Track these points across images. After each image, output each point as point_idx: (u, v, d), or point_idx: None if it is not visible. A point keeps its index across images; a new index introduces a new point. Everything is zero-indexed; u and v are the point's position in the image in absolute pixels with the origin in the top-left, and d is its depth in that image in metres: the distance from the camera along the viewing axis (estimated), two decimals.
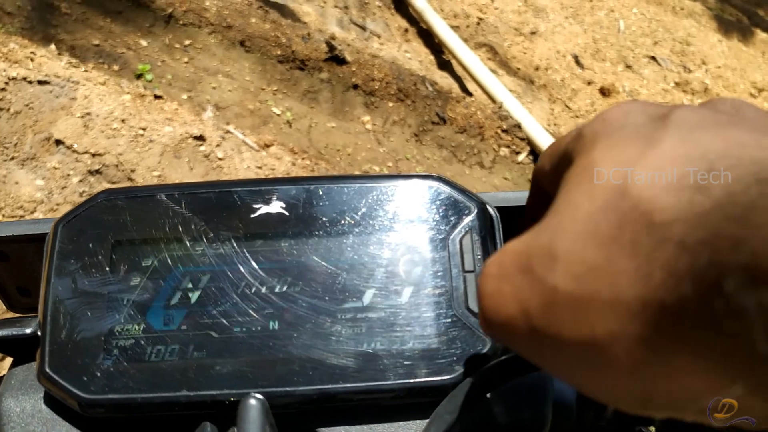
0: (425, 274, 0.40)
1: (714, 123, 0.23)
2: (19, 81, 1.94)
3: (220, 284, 0.39)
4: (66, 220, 0.40)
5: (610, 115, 0.26)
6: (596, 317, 0.21)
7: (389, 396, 0.37)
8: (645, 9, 3.98)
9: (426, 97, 2.80)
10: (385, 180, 0.42)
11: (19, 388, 0.40)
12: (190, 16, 2.62)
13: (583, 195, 0.23)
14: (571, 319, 0.22)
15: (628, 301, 0.20)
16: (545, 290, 0.23)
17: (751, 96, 3.69)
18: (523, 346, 0.25)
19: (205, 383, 0.37)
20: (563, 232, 0.23)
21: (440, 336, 0.38)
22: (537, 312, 0.23)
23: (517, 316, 0.24)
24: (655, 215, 0.20)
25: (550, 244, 0.23)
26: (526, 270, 0.24)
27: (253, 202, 0.41)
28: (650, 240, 0.20)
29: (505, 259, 0.26)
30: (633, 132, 0.24)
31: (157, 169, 1.94)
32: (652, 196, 0.21)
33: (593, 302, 0.21)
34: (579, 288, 0.22)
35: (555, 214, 0.24)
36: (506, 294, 0.25)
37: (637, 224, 0.21)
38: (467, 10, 3.41)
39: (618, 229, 0.21)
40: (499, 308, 0.25)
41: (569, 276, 0.22)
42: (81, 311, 0.38)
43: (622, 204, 0.21)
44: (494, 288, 0.26)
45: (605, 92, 3.33)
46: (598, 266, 0.21)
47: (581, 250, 0.22)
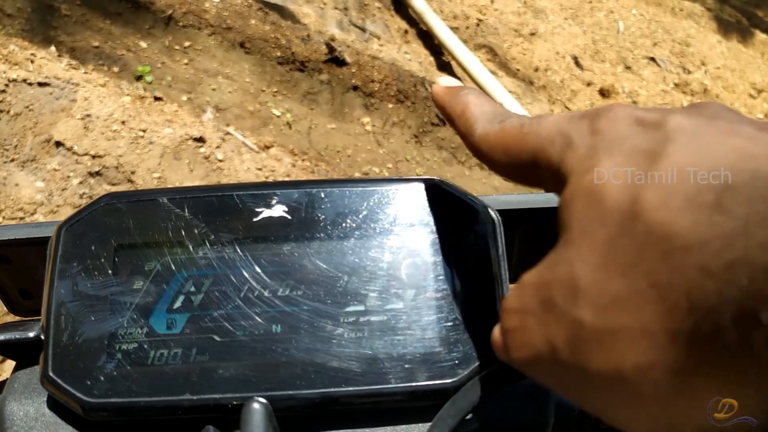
0: (427, 277, 0.40)
1: (714, 131, 0.22)
2: (19, 83, 1.94)
3: (222, 288, 0.39)
4: (69, 223, 0.40)
5: (602, 126, 0.25)
6: (624, 349, 0.21)
7: (392, 399, 0.38)
8: (644, 10, 3.99)
9: (426, 98, 2.80)
10: (387, 184, 0.42)
11: (22, 391, 0.40)
12: (189, 18, 2.62)
13: (595, 222, 0.22)
14: (598, 351, 0.21)
15: (655, 333, 0.20)
16: (570, 324, 0.22)
17: (750, 97, 3.70)
18: (548, 378, 0.25)
19: (208, 387, 0.37)
20: (582, 262, 0.22)
21: (442, 340, 0.38)
22: (563, 346, 0.23)
23: (543, 350, 0.24)
24: (673, 240, 0.19)
25: (570, 276, 0.23)
26: (548, 304, 0.23)
27: (256, 205, 0.41)
28: (669, 267, 0.19)
29: (525, 293, 0.25)
30: (633, 146, 0.23)
31: (157, 170, 1.94)
32: (667, 219, 0.20)
33: (620, 334, 0.21)
34: (604, 320, 0.21)
35: (570, 244, 0.23)
36: (530, 329, 0.24)
37: (654, 250, 0.20)
38: (467, 11, 3.41)
39: (637, 256, 0.20)
40: (524, 344, 0.25)
41: (593, 308, 0.21)
42: (84, 315, 0.38)
43: (636, 228, 0.21)
44: (517, 323, 0.25)
45: (605, 93, 3.33)
46: (621, 297, 0.21)
47: (603, 281, 0.21)
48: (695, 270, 0.19)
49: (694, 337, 0.19)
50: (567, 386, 0.24)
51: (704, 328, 0.18)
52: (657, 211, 0.20)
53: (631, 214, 0.21)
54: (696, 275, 0.19)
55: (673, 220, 0.20)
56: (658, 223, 0.20)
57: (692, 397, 0.20)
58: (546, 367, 0.24)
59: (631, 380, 0.21)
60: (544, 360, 0.24)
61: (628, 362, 0.21)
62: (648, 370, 0.20)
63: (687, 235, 0.19)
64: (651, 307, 0.20)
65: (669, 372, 0.20)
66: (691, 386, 0.19)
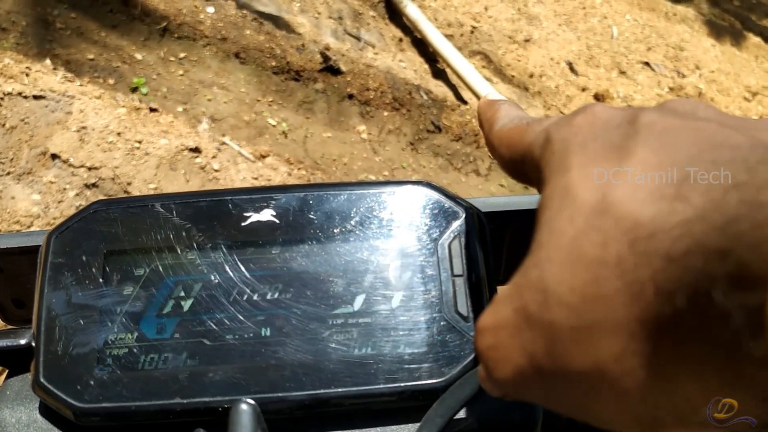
0: (415, 279, 0.40)
1: (681, 126, 0.22)
2: (14, 96, 1.95)
3: (212, 292, 0.40)
4: (59, 231, 0.41)
5: (578, 121, 0.25)
6: (599, 344, 0.21)
7: (381, 400, 0.38)
8: (638, 15, 4.01)
9: (421, 105, 2.81)
10: (374, 187, 0.43)
11: (14, 398, 0.41)
12: (185, 29, 2.63)
13: (564, 221, 0.23)
14: (576, 351, 0.21)
15: (625, 323, 0.20)
16: (546, 328, 0.22)
17: (745, 99, 3.71)
18: (534, 393, 0.24)
19: (198, 390, 0.37)
20: (550, 262, 0.22)
21: (430, 340, 0.38)
22: (541, 352, 0.23)
23: (522, 364, 0.23)
24: (637, 230, 0.20)
25: (540, 279, 0.23)
26: (522, 312, 0.23)
27: (244, 210, 0.42)
28: (635, 255, 0.20)
29: (498, 309, 0.25)
30: (604, 143, 0.24)
31: (153, 181, 1.95)
32: (631, 210, 0.20)
33: (594, 329, 0.21)
34: (576, 318, 0.21)
35: (539, 247, 0.23)
36: (506, 344, 0.24)
37: (621, 241, 0.20)
38: (461, 18, 3.43)
39: (602, 249, 0.21)
40: (503, 361, 0.24)
41: (564, 308, 0.21)
42: (74, 321, 0.39)
43: (603, 223, 0.21)
44: (492, 341, 0.25)
45: (600, 98, 3.34)
46: (590, 292, 0.21)
47: (570, 279, 0.21)
48: (658, 256, 0.19)
49: (661, 323, 0.19)
50: (552, 396, 0.24)
51: (667, 313, 0.19)
52: (624, 204, 0.21)
53: (600, 208, 0.21)
54: (659, 261, 0.19)
55: (638, 210, 0.20)
56: (624, 215, 0.21)
57: (668, 385, 0.20)
58: (529, 382, 0.24)
59: (611, 373, 0.21)
60: (526, 374, 0.24)
61: (605, 355, 0.21)
62: (624, 361, 0.20)
63: (650, 223, 0.20)
64: (619, 297, 0.20)
65: (643, 361, 0.20)
66: (665, 374, 0.20)
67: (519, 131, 0.30)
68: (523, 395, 0.25)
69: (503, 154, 0.31)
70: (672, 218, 0.19)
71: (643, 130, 0.23)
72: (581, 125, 0.25)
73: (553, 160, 0.25)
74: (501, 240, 0.49)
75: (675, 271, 0.19)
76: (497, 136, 0.32)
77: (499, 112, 0.33)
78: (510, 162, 0.31)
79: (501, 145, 0.31)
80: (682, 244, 0.19)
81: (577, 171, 0.23)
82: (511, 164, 0.31)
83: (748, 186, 0.18)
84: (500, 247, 0.50)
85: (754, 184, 0.18)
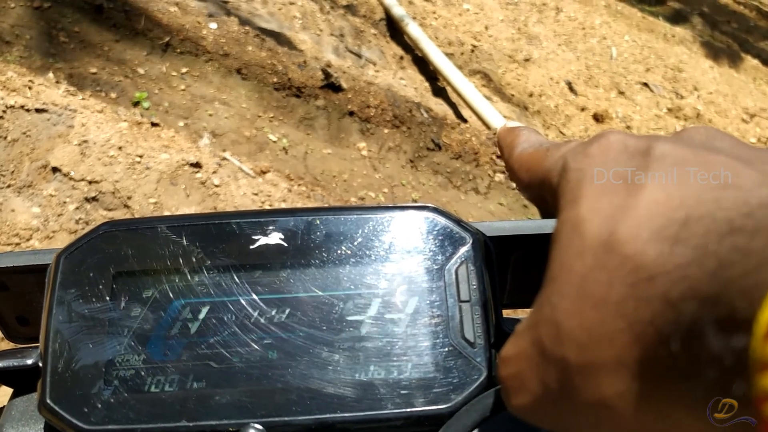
0: (421, 304, 0.40)
1: (693, 159, 0.23)
2: (16, 109, 1.95)
3: (219, 315, 0.40)
4: (68, 251, 0.41)
5: (593, 150, 0.26)
6: (604, 381, 0.22)
7: (386, 425, 0.38)
8: (637, 36, 4.04)
9: (421, 123, 2.82)
10: (382, 211, 0.43)
11: (19, 419, 0.40)
12: (187, 45, 2.65)
13: (574, 256, 0.23)
14: (583, 385, 0.22)
15: (628, 363, 0.21)
16: (558, 363, 0.23)
17: (743, 121, 3.73)
18: (547, 419, 0.25)
19: (204, 413, 0.37)
20: (561, 297, 0.23)
21: (436, 365, 0.39)
22: (555, 384, 0.24)
23: (539, 393, 0.25)
24: (639, 272, 0.20)
25: (552, 314, 0.23)
26: (538, 345, 0.24)
27: (252, 233, 0.42)
28: (636, 298, 0.20)
29: (519, 340, 0.26)
30: (617, 175, 0.24)
31: (153, 196, 1.95)
32: (635, 251, 0.21)
33: (599, 367, 0.22)
34: (585, 356, 0.22)
35: (552, 281, 0.24)
36: (525, 374, 0.25)
37: (624, 283, 0.21)
38: (462, 37, 3.45)
39: (608, 289, 0.21)
40: (521, 389, 0.25)
41: (574, 345, 0.22)
42: (82, 342, 0.39)
43: (609, 261, 0.22)
44: (513, 370, 0.26)
45: (599, 118, 3.36)
46: (596, 331, 0.22)
47: (579, 316, 0.22)
48: (657, 300, 0.20)
49: (659, 365, 0.20)
50: (563, 423, 0.25)
51: (664, 356, 0.20)
52: (629, 244, 0.21)
53: (607, 246, 0.22)
54: (658, 305, 0.20)
55: (641, 251, 0.21)
56: (629, 255, 0.21)
57: (666, 422, 0.21)
58: (543, 409, 0.25)
59: (614, 408, 0.22)
60: (541, 402, 0.25)
61: (610, 392, 0.22)
62: (626, 398, 0.21)
63: (652, 266, 0.20)
64: (623, 338, 0.21)
65: (643, 398, 0.21)
66: (662, 412, 0.21)
67: (538, 156, 0.30)
68: (537, 421, 0.26)
69: (523, 179, 0.32)
70: (671, 261, 0.20)
71: (654, 164, 0.23)
72: (596, 155, 0.26)
73: (568, 189, 0.26)
74: (506, 264, 0.49)
75: (672, 315, 0.19)
76: (517, 161, 0.33)
77: (519, 138, 0.34)
78: (529, 186, 0.31)
79: (521, 170, 0.32)
80: (679, 289, 0.19)
81: (587, 203, 0.24)
82: (530, 189, 0.31)
83: (743, 232, 0.18)
84: (505, 270, 0.50)
85: (748, 231, 0.18)
